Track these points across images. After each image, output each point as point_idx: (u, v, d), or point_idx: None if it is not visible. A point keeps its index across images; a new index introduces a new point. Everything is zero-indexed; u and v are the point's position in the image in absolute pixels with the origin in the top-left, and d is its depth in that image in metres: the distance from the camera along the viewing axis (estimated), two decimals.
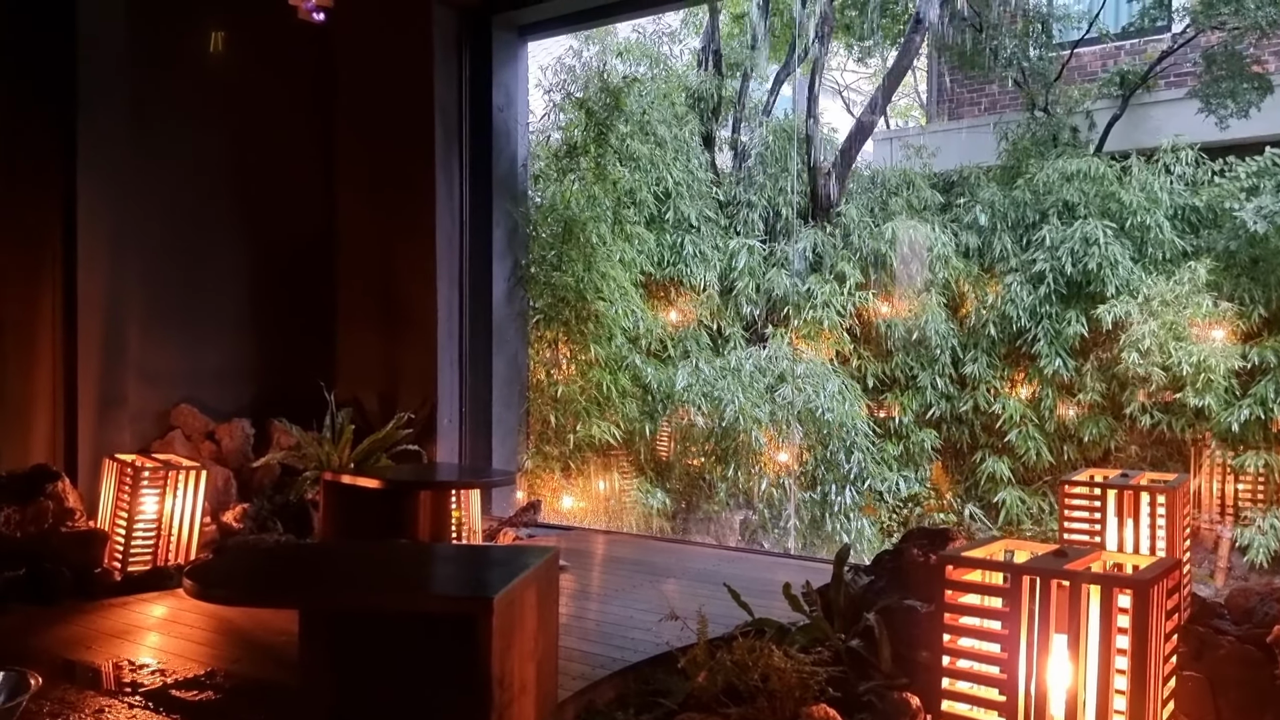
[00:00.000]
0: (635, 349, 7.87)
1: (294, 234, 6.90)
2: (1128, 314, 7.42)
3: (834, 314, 8.26)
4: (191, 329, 6.41)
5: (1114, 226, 7.72)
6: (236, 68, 6.51)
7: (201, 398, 6.40)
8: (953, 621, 2.51)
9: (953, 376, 8.27)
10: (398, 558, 3.65)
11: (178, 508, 5.03)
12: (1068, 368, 7.74)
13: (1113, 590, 2.27)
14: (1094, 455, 7.72)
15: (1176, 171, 7.97)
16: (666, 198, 8.46)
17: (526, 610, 2.97)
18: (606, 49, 8.73)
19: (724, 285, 8.65)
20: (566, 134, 8.32)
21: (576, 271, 7.38)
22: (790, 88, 10.25)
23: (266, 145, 6.70)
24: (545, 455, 7.40)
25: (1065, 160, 8.19)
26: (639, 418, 7.84)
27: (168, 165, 6.24)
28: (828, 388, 7.67)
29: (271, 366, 6.69)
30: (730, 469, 7.74)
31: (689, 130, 8.88)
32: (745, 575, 5.03)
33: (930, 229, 8.35)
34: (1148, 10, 9.22)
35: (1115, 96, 8.81)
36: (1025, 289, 7.91)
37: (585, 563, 5.60)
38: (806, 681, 3.16)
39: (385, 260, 6.67)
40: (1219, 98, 8.07)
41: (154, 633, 4.21)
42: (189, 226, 6.38)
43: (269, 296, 6.74)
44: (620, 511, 7.68)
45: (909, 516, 7.78)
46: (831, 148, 9.39)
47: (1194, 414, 7.17)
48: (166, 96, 6.23)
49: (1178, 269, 7.50)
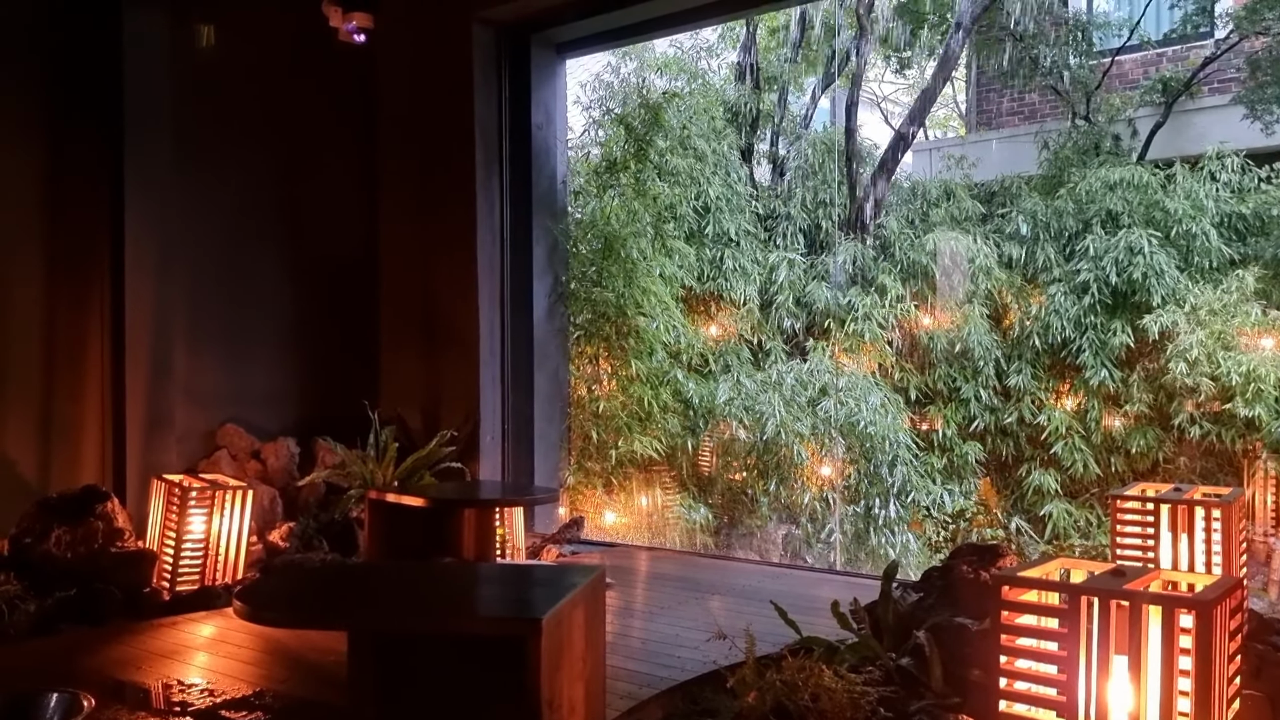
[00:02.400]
0: (676, 364, 7.87)
1: (336, 253, 7.00)
2: (1174, 324, 7.30)
3: (875, 326, 8.21)
4: (236, 349, 6.51)
5: (1159, 235, 7.61)
6: (280, 89, 6.63)
7: (247, 417, 6.49)
8: (1009, 642, 2.47)
9: (996, 388, 8.18)
10: (445, 577, 3.67)
11: (224, 527, 5.07)
12: (1113, 379, 7.63)
13: (1175, 611, 2.23)
14: (1142, 467, 7.59)
15: (1222, 179, 7.85)
16: (706, 212, 8.47)
17: (574, 630, 2.98)
18: (645, 65, 8.78)
19: (764, 299, 8.64)
20: (606, 150, 8.37)
21: (617, 287, 7.40)
22: (828, 100, 10.24)
23: (309, 165, 6.80)
24: (587, 471, 7.41)
25: (1108, 169, 8.10)
26: (680, 433, 7.83)
27: (212, 186, 6.36)
28: (870, 401, 7.62)
29: (315, 385, 6.77)
30: (772, 483, 7.70)
31: (728, 144, 8.90)
32: (790, 592, 4.99)
33: (971, 240, 8.28)
34: (1190, 16, 9.10)
35: (1158, 104, 8.70)
36: (1069, 299, 7.81)
37: (629, 579, 5.59)
38: (857, 701, 3.13)
39: (427, 278, 6.73)
40: (1264, 103, 7.95)
41: (202, 652, 4.25)
42: (233, 247, 6.50)
43: (312, 316, 6.83)
44: (663, 527, 7.66)
45: (956, 531, 7.69)
46: (871, 160, 9.36)
47: (1244, 424, 7.03)
48: (211, 118, 6.35)
49: (1225, 277, 7.38)
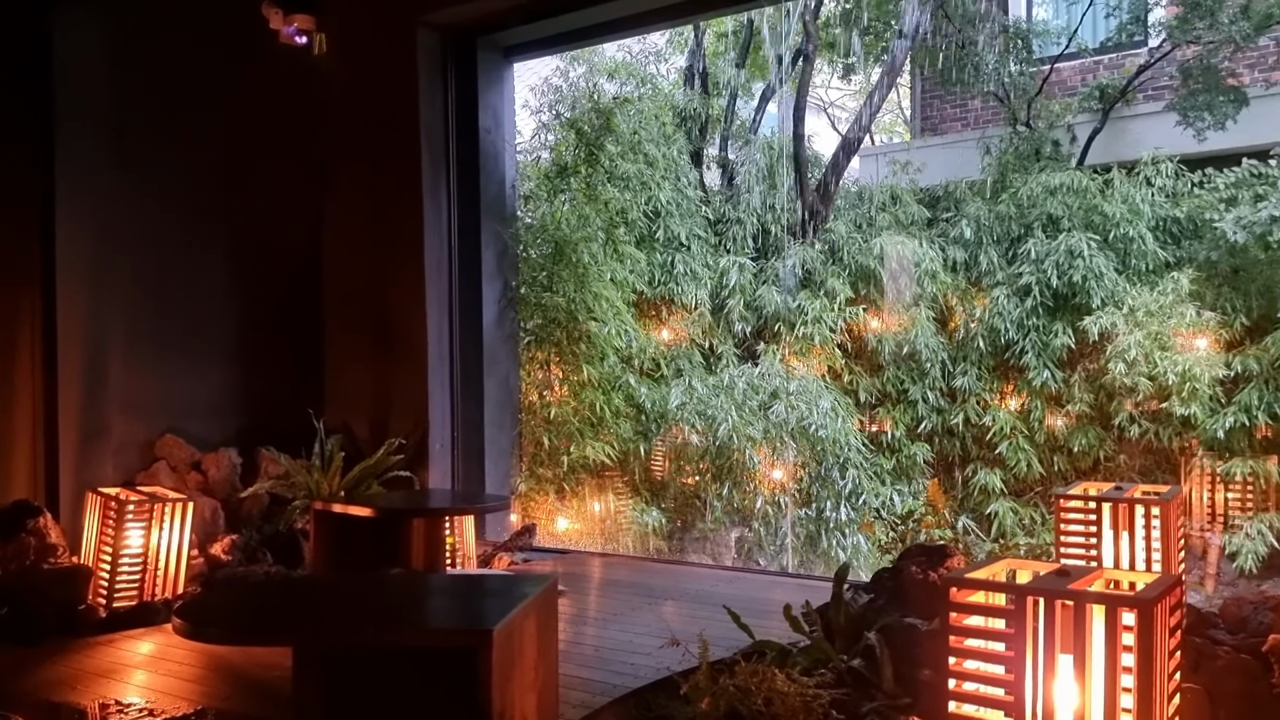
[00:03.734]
0: (628, 368, 7.86)
1: (281, 259, 6.87)
2: (1113, 325, 7.47)
3: (825, 330, 8.29)
4: (176, 359, 6.35)
5: (1097, 239, 7.79)
6: (223, 92, 6.49)
7: (187, 428, 6.34)
8: (957, 643, 2.50)
9: (943, 390, 8.30)
10: (392, 589, 3.61)
11: (164, 541, 4.96)
12: (1056, 379, 7.78)
13: (1117, 609, 2.27)
14: (1083, 466, 7.76)
15: (1157, 183, 8.05)
16: (657, 216, 8.48)
17: (526, 640, 2.95)
18: (593, 69, 8.77)
19: (715, 303, 8.67)
20: (556, 154, 8.34)
21: (568, 292, 7.37)
22: (776, 105, 10.32)
23: (253, 171, 6.68)
24: (539, 478, 7.37)
25: (1048, 174, 8.27)
26: (633, 438, 7.82)
27: (151, 195, 6.21)
28: (820, 404, 7.68)
29: (259, 395, 6.64)
30: (725, 487, 7.73)
31: (677, 149, 8.92)
32: (744, 595, 5.01)
33: (917, 244, 8.40)
34: (1125, 25, 9.34)
35: (1095, 110, 8.91)
36: (1012, 302, 7.96)
37: (582, 586, 5.56)
38: (810, 704, 3.14)
39: (374, 285, 6.64)
40: (1196, 110, 8.17)
41: (141, 670, 4.14)
42: (173, 253, 6.35)
43: (256, 324, 6.70)
44: (616, 532, 7.65)
45: (905, 533, 7.78)
46: (818, 164, 9.45)
47: (1181, 423, 7.21)
48: (150, 121, 6.21)
49: (1161, 280, 7.57)
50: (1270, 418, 6.95)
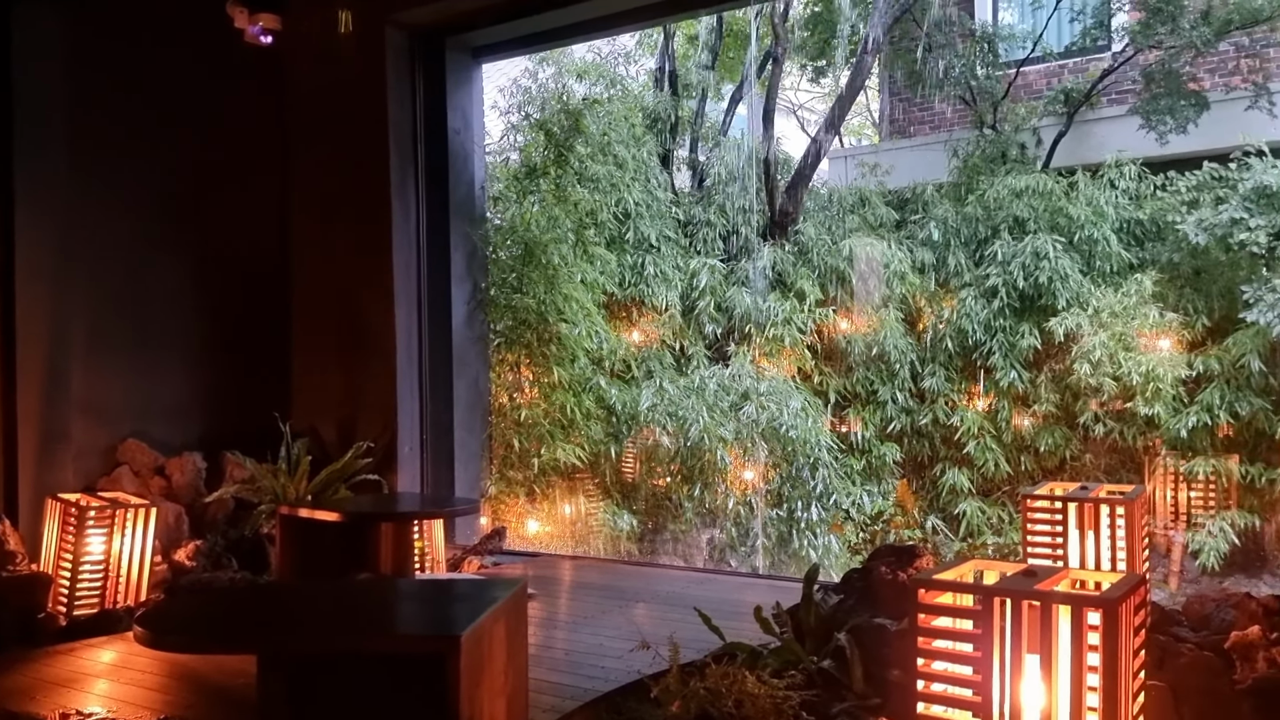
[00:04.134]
0: (599, 370, 7.84)
1: (247, 261, 6.79)
2: (1078, 326, 7.56)
3: (795, 331, 8.32)
4: (139, 361, 6.24)
5: (1063, 240, 7.88)
6: (187, 92, 6.40)
7: (150, 432, 6.23)
8: (926, 644, 2.51)
9: (912, 390, 8.36)
10: (359, 595, 3.57)
11: (126, 547, 4.88)
12: (1022, 380, 7.87)
13: (1083, 609, 2.29)
14: (1050, 465, 7.85)
15: (1121, 186, 8.17)
16: (627, 218, 8.47)
17: (495, 645, 2.92)
18: (563, 70, 8.74)
19: (686, 305, 8.67)
20: (525, 155, 8.30)
21: (538, 293, 7.34)
22: (746, 107, 10.35)
23: (218, 173, 6.58)
24: (509, 480, 7.33)
25: (1014, 176, 8.36)
26: (604, 439, 7.80)
27: (114, 196, 6.10)
28: (791, 405, 7.71)
29: (224, 398, 6.55)
30: (696, 488, 7.73)
31: (647, 150, 8.92)
32: (715, 597, 5.01)
33: (886, 245, 8.46)
34: (1089, 30, 9.46)
35: (1060, 114, 9.01)
36: (979, 303, 8.04)
37: (553, 589, 5.54)
38: (780, 706, 3.14)
39: (341, 287, 6.58)
40: (1158, 114, 8.30)
41: (103, 680, 4.06)
42: (137, 255, 6.24)
43: (221, 326, 6.61)
44: (587, 535, 7.62)
45: (875, 533, 7.83)
46: (788, 166, 9.49)
47: (1145, 422, 7.33)
48: (112, 127, 6.10)
49: (1125, 281, 7.68)
50: (1232, 417, 7.07)
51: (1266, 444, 7.11)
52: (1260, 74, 8.39)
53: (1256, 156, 7.31)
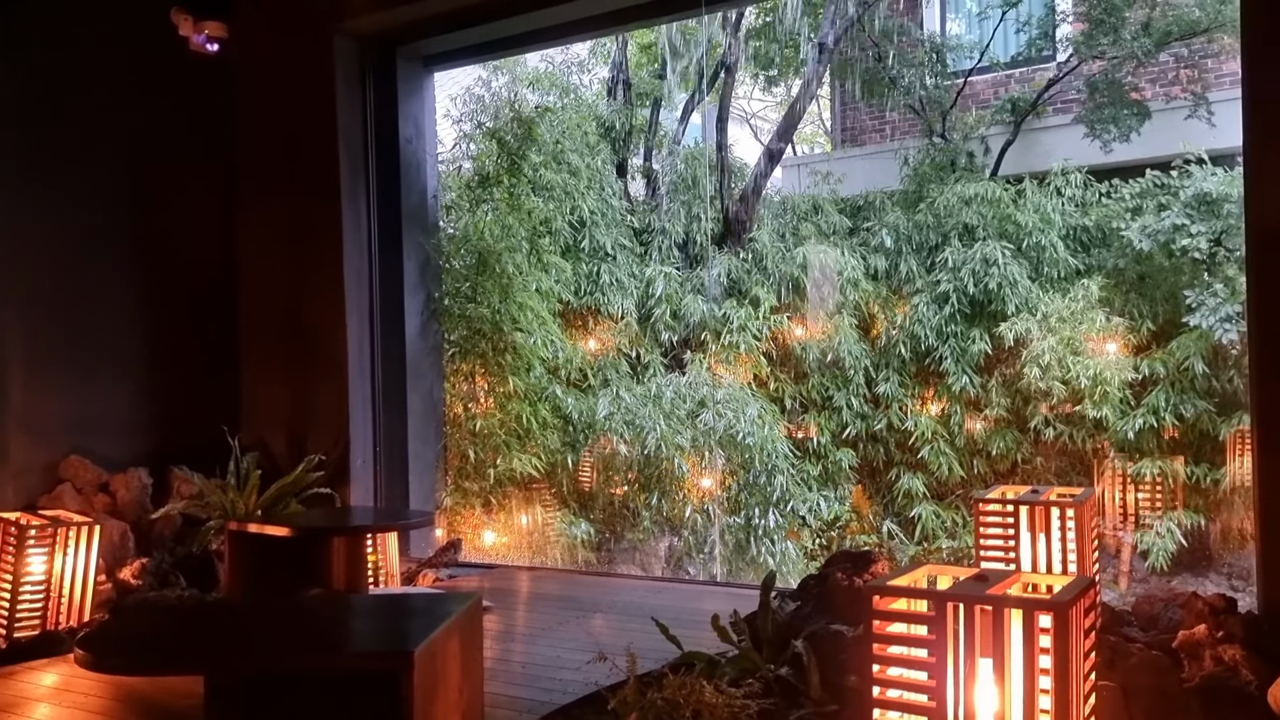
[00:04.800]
0: (555, 379, 7.80)
1: (193, 272, 6.65)
2: (1028, 331, 7.68)
3: (750, 338, 8.35)
4: (81, 376, 6.08)
5: (1011, 247, 8.01)
6: (129, 104, 6.27)
7: (93, 448, 6.07)
8: (880, 650, 2.51)
9: (867, 396, 8.43)
10: (310, 611, 3.50)
11: (68, 567, 4.76)
12: (974, 384, 7.97)
13: (1034, 613, 2.31)
14: (1002, 468, 7.95)
15: (1067, 193, 8.31)
16: (582, 226, 8.45)
17: (449, 660, 2.88)
18: (516, 79, 8.70)
19: (642, 312, 8.67)
20: (478, 164, 8.24)
21: (492, 303, 7.29)
22: (699, 116, 10.39)
23: (163, 183, 6.45)
24: (465, 491, 7.25)
25: (963, 184, 8.48)
26: (560, 449, 7.76)
27: (52, 207, 5.95)
28: (747, 412, 7.73)
29: (171, 411, 6.40)
30: (654, 496, 7.72)
31: (601, 159, 8.91)
32: (673, 606, 5.00)
33: (839, 253, 8.53)
34: (1034, 41, 9.64)
35: (1007, 123, 9.16)
36: (931, 309, 8.13)
37: (509, 601, 5.49)
38: (738, 715, 3.14)
39: (291, 297, 6.47)
40: (1102, 123, 8.48)
41: (44, 704, 3.95)
42: (78, 267, 6.09)
43: (167, 338, 6.46)
44: (544, 545, 7.57)
45: (832, 539, 7.87)
46: (742, 175, 9.54)
47: (1093, 425, 7.45)
48: (51, 135, 5.95)
49: (1072, 286, 7.81)
50: (1177, 419, 7.22)
51: (1210, 445, 7.26)
52: (1198, 84, 8.61)
53: (1196, 164, 7.49)
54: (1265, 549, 3.91)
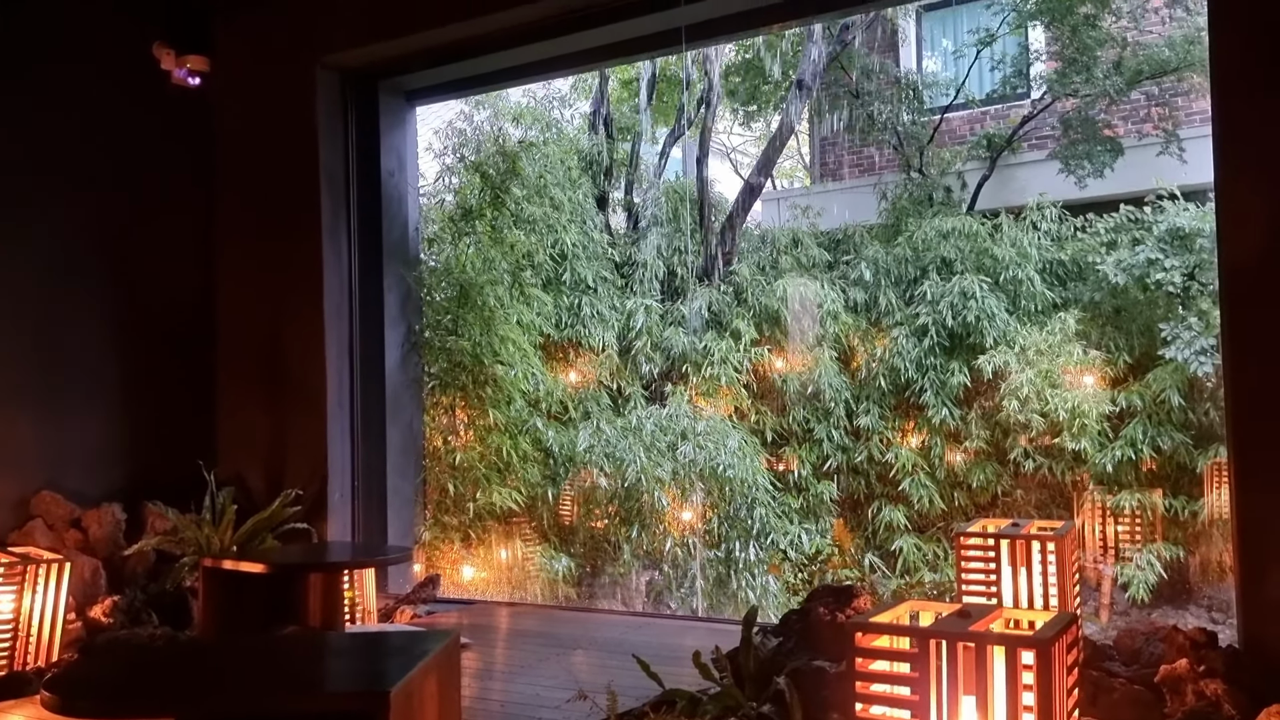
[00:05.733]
0: (535, 412, 7.77)
1: (171, 305, 6.60)
2: (1006, 364, 7.73)
3: (731, 370, 8.36)
4: (54, 410, 5.99)
5: (989, 281, 8.08)
6: (106, 133, 6.24)
7: (66, 483, 5.97)
8: (864, 688, 2.50)
9: (847, 428, 8.43)
10: (285, 651, 3.43)
11: (37, 605, 4.65)
12: (954, 417, 7.99)
13: (1017, 650, 2.30)
14: (983, 500, 7.96)
15: (1043, 228, 8.41)
16: (563, 259, 8.46)
17: (426, 700, 2.82)
18: (498, 113, 8.75)
19: (622, 345, 8.67)
20: (461, 197, 8.26)
21: (473, 335, 7.27)
22: (680, 150, 10.47)
23: (141, 215, 6.42)
24: (444, 526, 7.18)
25: (941, 219, 8.56)
26: (541, 482, 7.71)
27: (26, 235, 5.90)
28: (728, 444, 7.72)
29: (145, 446, 6.31)
30: (634, 530, 7.67)
31: (583, 192, 8.95)
32: (654, 642, 4.95)
33: (819, 285, 8.58)
34: (1009, 79, 9.79)
35: (983, 158, 9.29)
36: (910, 342, 8.17)
37: (488, 638, 5.42)
38: None
39: (270, 331, 6.43)
40: (1076, 159, 8.61)
41: None
42: (51, 299, 6.01)
43: (142, 371, 6.39)
44: (524, 580, 7.49)
45: (814, 573, 7.83)
46: (722, 208, 9.60)
47: (1072, 457, 7.48)
48: (25, 163, 5.91)
49: (1049, 320, 7.88)
50: (1154, 451, 7.26)
51: (1188, 477, 7.30)
52: (1170, 121, 8.77)
53: (1169, 200, 7.60)
54: (1244, 582, 3.92)
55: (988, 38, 9.18)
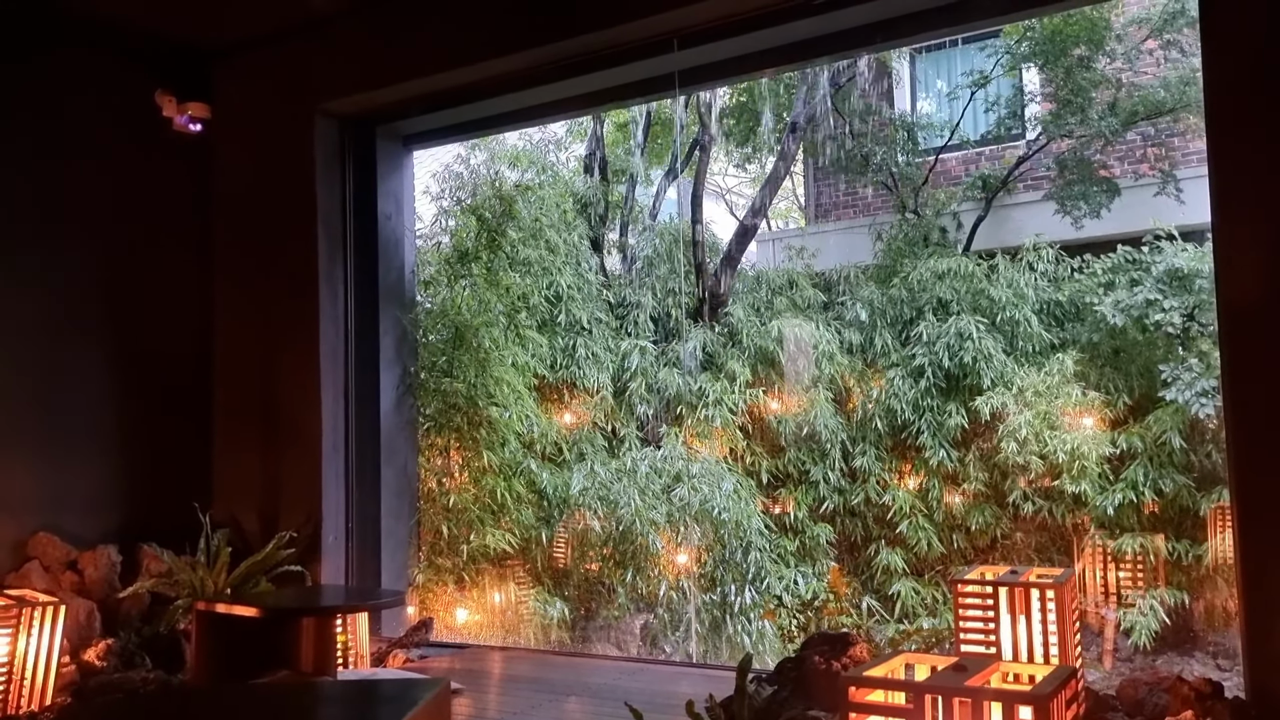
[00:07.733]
0: (530, 454, 7.74)
1: (168, 347, 6.60)
2: (1004, 405, 7.70)
3: (726, 412, 8.33)
4: (51, 451, 5.96)
5: (985, 321, 8.07)
6: (106, 176, 6.28)
7: (62, 525, 5.92)
8: None
9: (844, 470, 8.37)
10: (274, 698, 3.38)
11: (32, 648, 4.60)
12: (951, 458, 7.94)
13: (1014, 706, 2.26)
14: (981, 543, 7.89)
15: (1039, 269, 8.41)
16: (558, 301, 8.48)
17: None
18: (494, 156, 8.82)
19: (617, 386, 8.65)
20: (457, 240, 8.29)
21: (468, 377, 7.26)
22: (675, 192, 10.54)
23: (139, 258, 6.43)
24: (438, 568, 7.12)
25: (936, 259, 8.57)
26: (535, 524, 7.65)
27: (24, 278, 5.91)
28: (723, 486, 7.67)
29: (142, 488, 6.28)
30: (629, 573, 7.59)
31: (578, 235, 8.99)
32: (647, 689, 4.88)
33: (814, 326, 8.57)
34: (1003, 120, 9.87)
35: (979, 199, 9.33)
36: (907, 383, 8.14)
37: (481, 683, 5.34)
38: None
39: (266, 373, 6.42)
40: (1072, 200, 8.65)
41: None
42: (49, 341, 6.01)
43: (139, 414, 6.37)
44: (517, 624, 7.41)
45: (809, 620, 7.73)
46: (716, 249, 9.64)
47: (1072, 500, 7.41)
48: (24, 206, 5.94)
49: (1047, 361, 7.85)
50: (1156, 494, 7.20)
51: (1191, 521, 7.22)
52: (1166, 162, 8.80)
53: (1167, 240, 7.61)
54: (1250, 630, 3.85)
55: (982, 79, 9.26)
